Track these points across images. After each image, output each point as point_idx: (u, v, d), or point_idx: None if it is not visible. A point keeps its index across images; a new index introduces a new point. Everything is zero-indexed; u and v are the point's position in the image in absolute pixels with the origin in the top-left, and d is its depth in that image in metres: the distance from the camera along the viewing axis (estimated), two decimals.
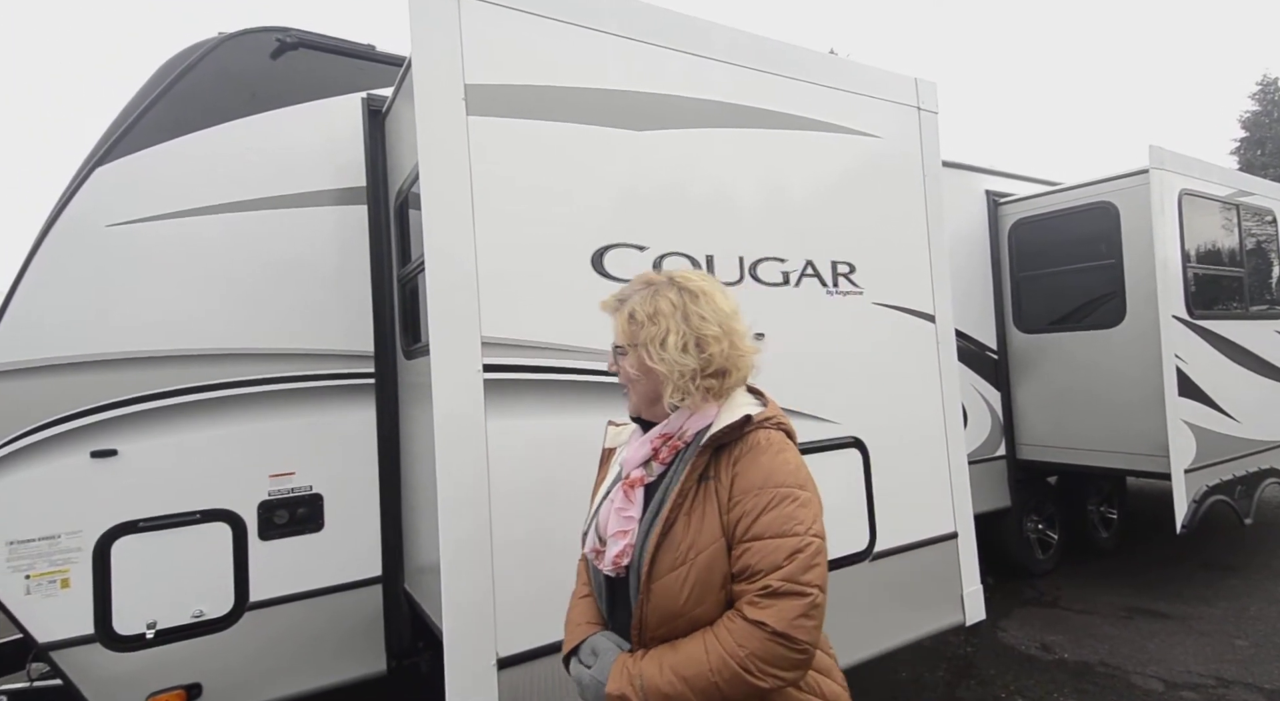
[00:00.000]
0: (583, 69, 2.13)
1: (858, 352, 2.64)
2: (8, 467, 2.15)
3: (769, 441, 1.22)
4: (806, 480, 1.21)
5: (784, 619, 1.07)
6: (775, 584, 1.09)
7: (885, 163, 2.81)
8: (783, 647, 1.07)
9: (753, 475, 1.18)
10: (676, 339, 1.24)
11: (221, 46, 2.50)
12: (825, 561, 1.14)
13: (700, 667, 1.08)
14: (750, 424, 1.23)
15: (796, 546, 1.11)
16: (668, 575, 1.16)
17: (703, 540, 1.16)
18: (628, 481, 1.26)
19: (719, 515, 1.17)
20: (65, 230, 2.23)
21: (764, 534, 1.13)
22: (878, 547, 2.57)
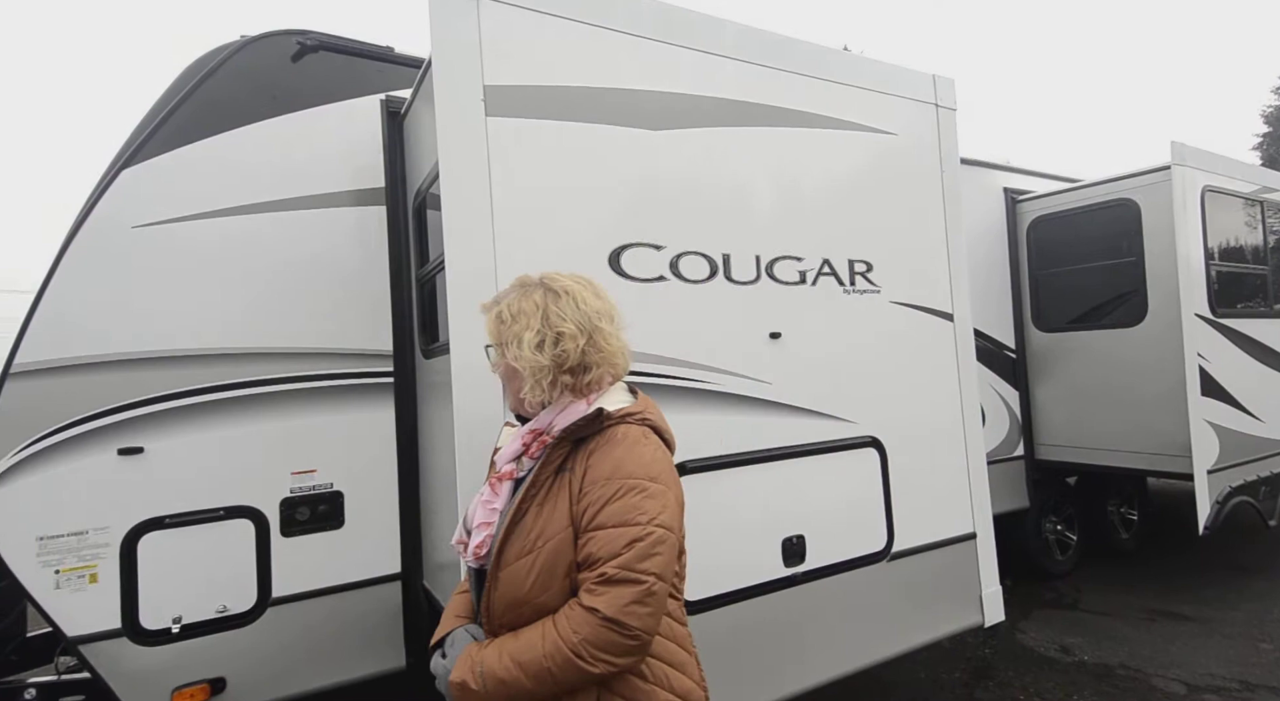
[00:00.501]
0: (599, 69, 2.14)
1: (875, 352, 2.63)
2: (38, 464, 2.19)
3: (625, 435, 1.24)
4: (661, 473, 1.21)
5: (615, 605, 1.09)
6: (611, 571, 1.11)
7: (903, 160, 2.80)
8: (614, 633, 1.09)
9: (602, 466, 1.20)
10: (532, 336, 1.28)
11: (243, 50, 2.53)
12: (669, 552, 1.15)
13: (535, 653, 1.11)
14: (606, 418, 1.26)
15: (636, 535, 1.13)
16: (515, 563, 1.19)
17: (551, 529, 1.19)
18: (497, 475, 1.32)
19: (569, 505, 1.20)
20: (93, 231, 2.27)
21: (607, 523, 1.15)
22: (896, 547, 2.56)
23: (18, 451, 2.17)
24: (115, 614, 2.23)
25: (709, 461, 2.20)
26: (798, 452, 2.38)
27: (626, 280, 2.12)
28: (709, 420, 2.23)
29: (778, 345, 2.38)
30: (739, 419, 2.28)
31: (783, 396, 2.37)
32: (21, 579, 2.16)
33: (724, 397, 2.26)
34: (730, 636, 2.18)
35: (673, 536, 1.17)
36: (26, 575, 2.16)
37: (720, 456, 2.23)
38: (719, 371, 2.26)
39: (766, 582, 2.26)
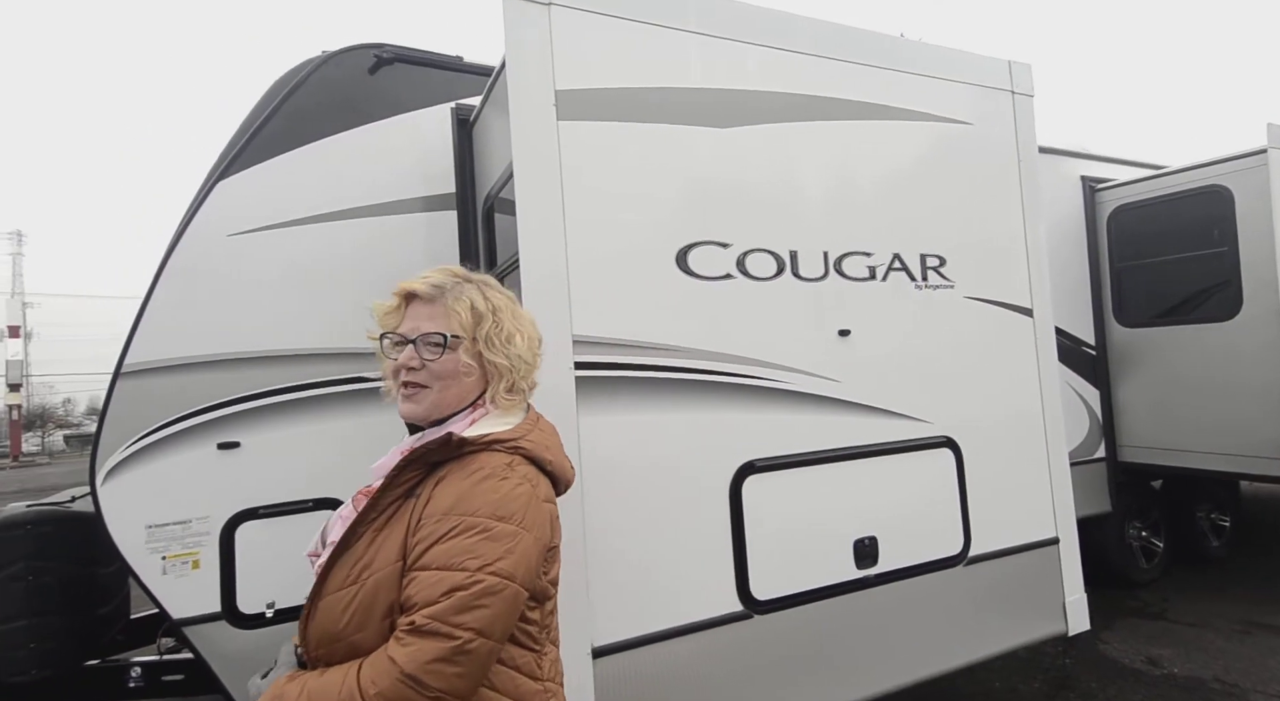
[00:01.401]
0: (666, 69, 2.16)
1: (949, 349, 2.55)
2: (146, 457, 2.36)
3: (482, 465, 1.10)
4: (515, 512, 1.07)
5: (417, 660, 0.95)
6: (420, 621, 0.98)
7: (977, 150, 2.71)
8: (411, 691, 0.95)
9: (443, 499, 1.07)
10: (521, 337, 1.24)
11: (325, 64, 2.66)
12: (501, 605, 1.01)
13: (338, 693, 0.98)
14: (460, 443, 1.12)
15: (459, 583, 0.99)
16: (335, 593, 1.07)
17: (379, 560, 1.06)
18: (363, 491, 1.20)
19: (405, 535, 1.07)
20: (192, 240, 2.43)
21: (431, 564, 1.02)
22: (973, 551, 2.48)
23: (128, 445, 2.35)
24: (215, 598, 2.39)
25: (777, 461, 2.19)
26: (869, 452, 2.33)
27: (694, 279, 2.13)
28: (776, 419, 2.21)
29: (846, 343, 2.34)
30: (807, 418, 2.26)
31: (852, 395, 2.33)
32: (132, 564, 2.33)
33: (791, 396, 2.24)
34: (799, 637, 2.17)
35: (510, 587, 1.03)
36: (137, 560, 2.33)
37: (788, 455, 2.21)
38: (786, 370, 2.24)
39: (837, 584, 2.23)
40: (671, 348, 2.06)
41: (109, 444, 2.33)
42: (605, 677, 1.87)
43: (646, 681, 1.92)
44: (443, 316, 1.21)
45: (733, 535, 2.08)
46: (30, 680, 2.48)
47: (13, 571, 2.48)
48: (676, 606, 1.99)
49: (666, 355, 2.05)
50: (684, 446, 2.05)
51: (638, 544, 1.96)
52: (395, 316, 1.26)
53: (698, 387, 2.09)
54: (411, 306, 1.25)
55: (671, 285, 2.09)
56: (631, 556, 1.95)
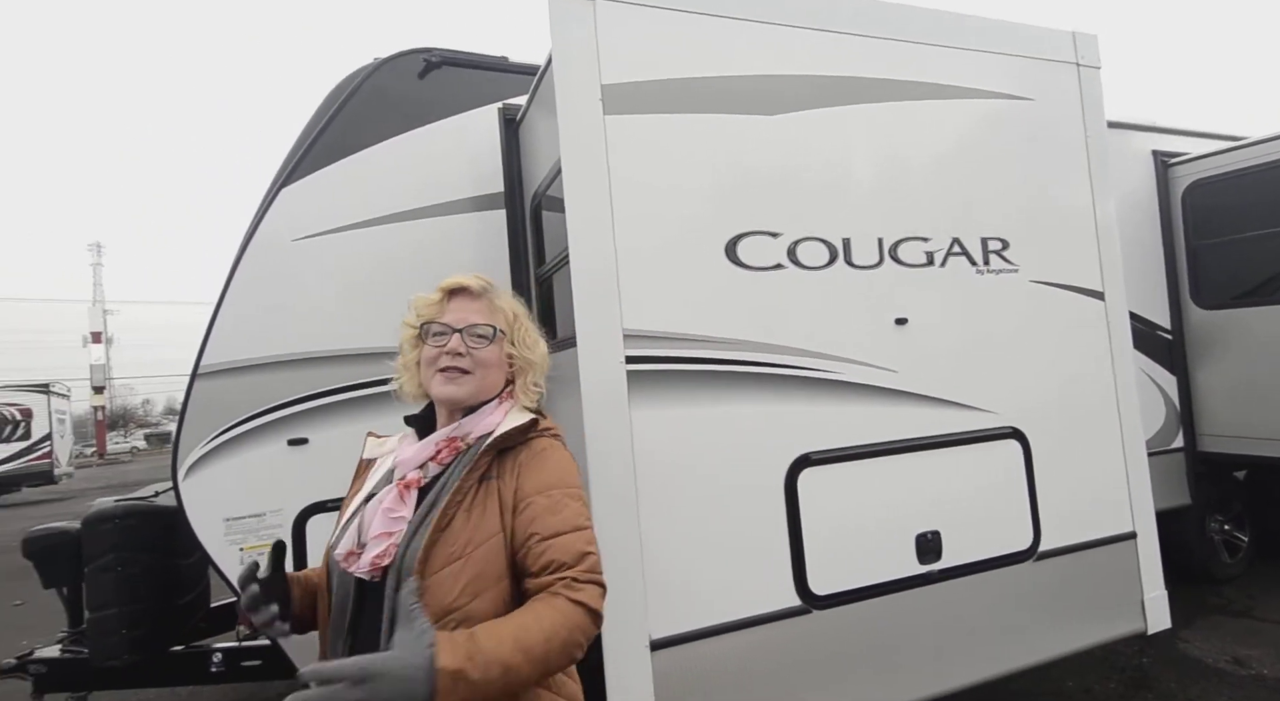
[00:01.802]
0: (712, 58, 2.13)
1: (1014, 336, 2.45)
2: (223, 454, 2.49)
3: (551, 447, 1.29)
4: (578, 479, 1.30)
5: (595, 599, 1.16)
6: (580, 574, 1.16)
7: (1041, 127, 2.58)
8: (593, 623, 1.15)
9: (540, 477, 1.23)
10: (540, 341, 1.40)
11: (377, 71, 2.74)
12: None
13: (536, 637, 1.08)
14: (535, 429, 1.29)
15: (589, 539, 1.20)
16: (443, 570, 1.13)
17: (480, 535, 1.16)
18: (403, 483, 1.24)
19: (500, 513, 1.20)
20: (259, 246, 2.54)
21: (561, 530, 1.18)
22: (1043, 546, 2.38)
23: (206, 442, 2.48)
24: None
25: (833, 453, 2.15)
26: (930, 444, 2.27)
27: (744, 269, 2.10)
28: (832, 411, 2.17)
29: (904, 331, 2.28)
30: (864, 409, 2.21)
31: (911, 385, 2.27)
32: (212, 554, 2.47)
33: (847, 387, 2.20)
34: (860, 633, 2.12)
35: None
36: (216, 551, 2.46)
37: (845, 448, 2.16)
38: (841, 360, 2.19)
39: (899, 579, 2.17)
40: (722, 340, 2.04)
41: (189, 441, 2.46)
42: (663, 670, 1.87)
43: (703, 675, 1.92)
44: (488, 312, 1.34)
45: (789, 529, 2.06)
46: (122, 664, 2.65)
47: (103, 562, 2.65)
48: (733, 600, 1.98)
49: (717, 347, 2.04)
50: (737, 439, 2.03)
51: (692, 537, 1.96)
52: (437, 308, 1.36)
53: (750, 380, 2.06)
54: (456, 300, 1.36)
55: (721, 277, 2.07)
56: (686, 550, 1.95)
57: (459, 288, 1.36)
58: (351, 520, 1.26)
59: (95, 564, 2.67)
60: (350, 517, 1.27)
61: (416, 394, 1.38)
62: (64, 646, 2.82)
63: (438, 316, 1.33)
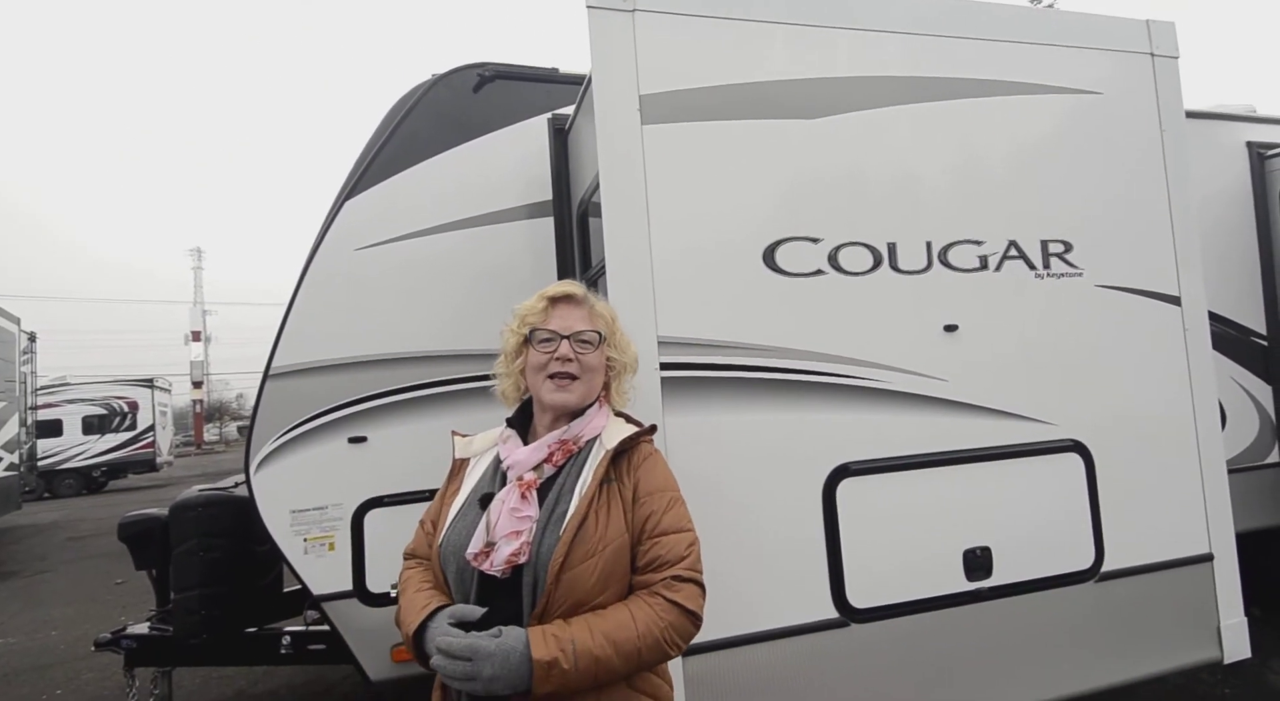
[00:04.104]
0: (751, 63, 2.12)
1: (1077, 343, 2.32)
2: (289, 450, 2.66)
3: (650, 451, 1.40)
4: (677, 484, 1.39)
5: (694, 600, 1.25)
6: (683, 573, 1.26)
7: (1110, 121, 2.44)
8: (689, 623, 1.24)
9: (654, 479, 1.34)
10: (628, 338, 1.50)
11: (434, 87, 2.86)
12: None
13: (629, 633, 1.18)
14: (645, 435, 1.40)
15: (690, 540, 1.30)
16: (580, 566, 1.23)
17: (610, 534, 1.26)
18: (524, 484, 1.31)
19: (623, 513, 1.29)
20: (325, 255, 2.71)
21: (669, 529, 1.29)
22: (1106, 567, 2.24)
23: (275, 438, 2.66)
24: (348, 578, 2.65)
25: (876, 463, 2.09)
26: (981, 456, 2.18)
27: (782, 276, 2.08)
28: (875, 420, 2.12)
29: (954, 339, 2.20)
30: (910, 419, 2.14)
31: (962, 395, 2.18)
32: (280, 544, 2.64)
33: (892, 396, 2.14)
34: (901, 650, 2.06)
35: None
36: (284, 541, 2.64)
37: (889, 458, 2.11)
38: (885, 368, 2.14)
39: (945, 596, 2.10)
40: (760, 347, 2.03)
41: (260, 437, 2.65)
42: (695, 676, 1.88)
43: (736, 683, 1.92)
44: (590, 318, 1.43)
45: (826, 539, 2.02)
46: (201, 642, 2.87)
47: (188, 547, 2.88)
48: (767, 609, 1.97)
49: (754, 355, 2.03)
50: (773, 447, 2.02)
51: (726, 544, 1.95)
52: (542, 315, 1.42)
53: (787, 387, 2.04)
54: (559, 307, 1.43)
55: (759, 283, 2.06)
56: (720, 556, 1.93)
57: (563, 295, 1.45)
58: (462, 518, 1.33)
59: (180, 548, 2.91)
60: (459, 516, 1.34)
61: (516, 396, 1.48)
62: (152, 624, 3.07)
63: (543, 323, 1.40)
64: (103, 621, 5.49)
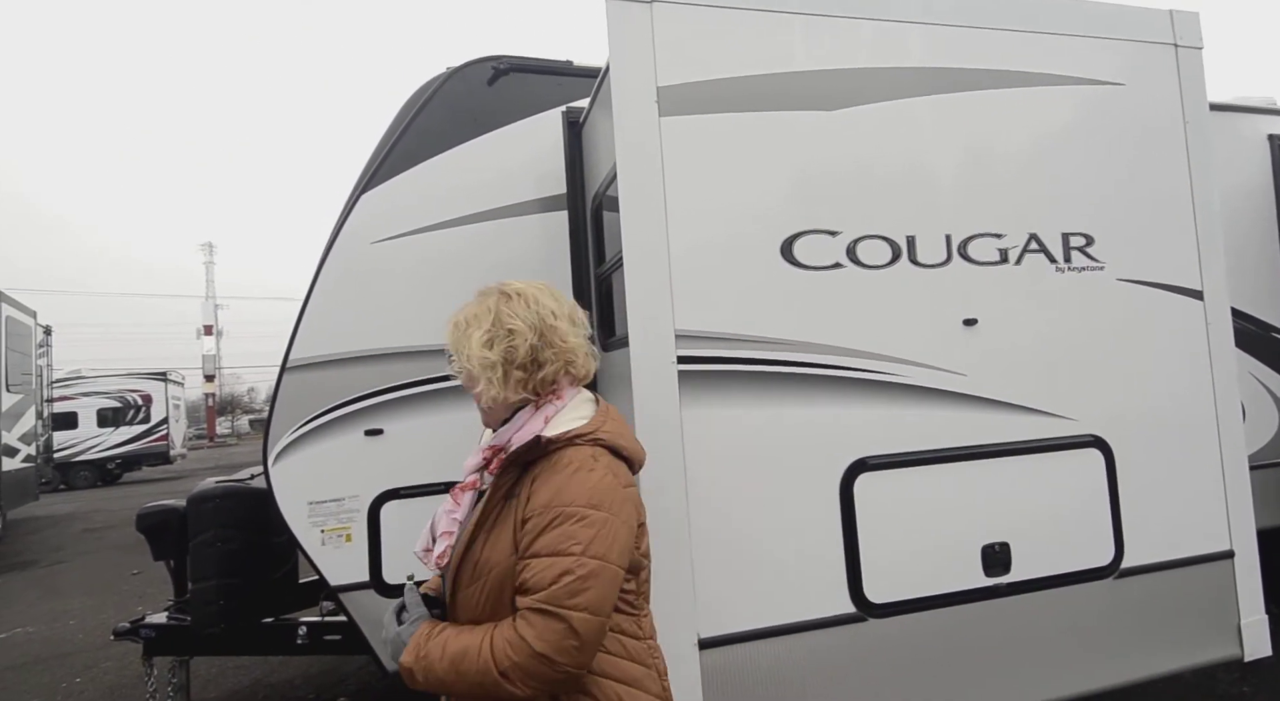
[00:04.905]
0: (769, 55, 2.11)
1: (1098, 338, 2.30)
2: (307, 442, 2.68)
3: (570, 460, 1.20)
4: (605, 501, 1.17)
5: (544, 640, 1.09)
6: (539, 604, 1.10)
7: (1132, 113, 2.41)
8: (542, 666, 1.09)
9: (543, 494, 1.18)
10: (481, 335, 1.27)
11: (449, 80, 2.86)
12: (603, 584, 1.12)
13: (472, 665, 1.12)
14: (551, 443, 1.21)
15: (567, 567, 1.11)
16: (466, 589, 1.21)
17: (495, 557, 1.19)
18: (461, 486, 1.29)
19: (513, 532, 1.19)
20: (341, 248, 2.72)
21: (541, 551, 1.13)
22: (1126, 563, 2.23)
23: (293, 431, 2.67)
24: (364, 569, 2.67)
25: (892, 458, 2.09)
26: (1000, 452, 2.16)
27: (800, 269, 2.07)
28: (892, 414, 2.11)
29: (973, 332, 2.18)
30: (928, 413, 2.13)
31: (980, 389, 2.17)
32: (297, 535, 2.66)
33: (910, 390, 2.13)
34: (919, 645, 2.06)
35: (609, 568, 1.14)
36: (301, 532, 2.65)
37: (906, 453, 2.10)
38: (902, 362, 2.13)
39: (963, 591, 2.09)
40: (777, 341, 2.03)
41: (278, 429, 2.67)
42: (712, 669, 1.88)
43: (754, 676, 1.92)
44: (447, 335, 1.36)
45: (844, 534, 2.02)
46: (219, 632, 2.90)
47: (205, 538, 2.91)
48: (784, 603, 1.97)
49: (772, 348, 2.02)
50: (790, 441, 2.01)
51: (743, 539, 1.95)
52: None
53: (804, 381, 2.04)
54: None
55: (776, 277, 2.05)
56: (737, 551, 1.95)
57: None
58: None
59: (198, 539, 2.93)
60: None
61: None
62: (170, 614, 3.11)
63: None
64: (120, 611, 5.57)
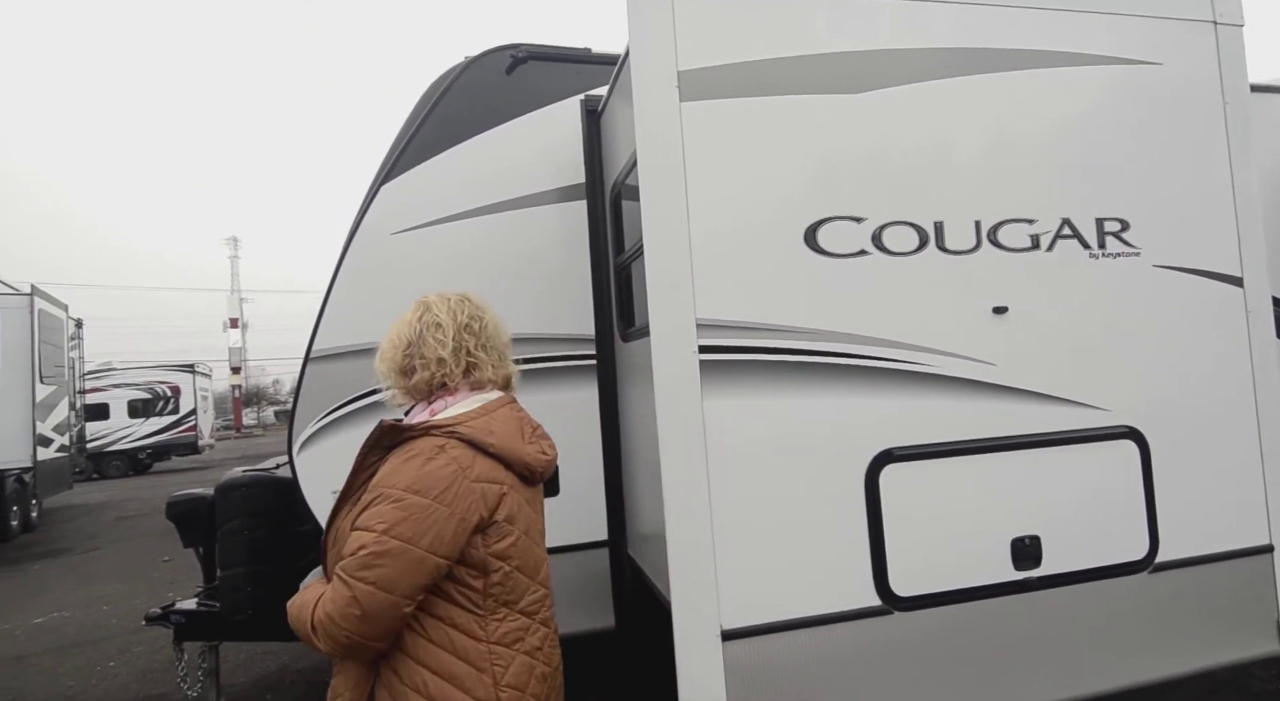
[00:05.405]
0: (792, 37, 2.06)
1: (1133, 326, 2.24)
2: (330, 432, 2.70)
3: (416, 448, 1.29)
4: (430, 489, 1.24)
5: (333, 603, 1.20)
6: (338, 571, 1.22)
7: (1170, 93, 2.32)
8: (329, 626, 1.20)
9: (379, 475, 1.29)
10: (383, 346, 1.49)
11: (468, 70, 2.85)
12: (398, 565, 1.18)
13: (303, 616, 1.25)
14: (403, 430, 1.33)
15: (366, 542, 1.20)
16: (329, 554, 1.34)
17: (346, 528, 1.29)
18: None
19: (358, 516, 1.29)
20: (362, 239, 2.73)
21: (359, 525, 1.24)
22: (1160, 557, 2.17)
23: (317, 421, 2.70)
24: None
25: (919, 450, 2.05)
26: (1031, 443, 2.12)
27: (824, 257, 2.03)
28: (919, 405, 2.07)
29: (1003, 321, 2.13)
30: (956, 404, 2.09)
31: (1010, 379, 2.12)
32: (322, 523, 2.68)
33: (936, 380, 2.08)
34: (947, 638, 2.03)
35: (413, 551, 1.19)
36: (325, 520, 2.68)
37: (933, 444, 2.06)
38: (930, 351, 2.08)
39: (992, 585, 2.05)
40: (800, 330, 1.99)
41: (302, 420, 2.69)
42: (735, 660, 1.87)
43: (777, 668, 1.90)
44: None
45: (869, 526, 1.99)
46: (247, 618, 2.95)
47: (232, 526, 2.95)
48: (809, 595, 1.94)
49: (794, 337, 1.99)
50: (814, 432, 1.98)
51: (766, 531, 1.93)
52: None
53: (828, 371, 2.00)
54: None
55: (800, 265, 2.01)
56: (760, 542, 1.93)
57: None
58: None
59: (225, 527, 2.98)
60: None
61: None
62: (200, 600, 3.16)
63: None
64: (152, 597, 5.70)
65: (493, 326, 1.54)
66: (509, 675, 1.30)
